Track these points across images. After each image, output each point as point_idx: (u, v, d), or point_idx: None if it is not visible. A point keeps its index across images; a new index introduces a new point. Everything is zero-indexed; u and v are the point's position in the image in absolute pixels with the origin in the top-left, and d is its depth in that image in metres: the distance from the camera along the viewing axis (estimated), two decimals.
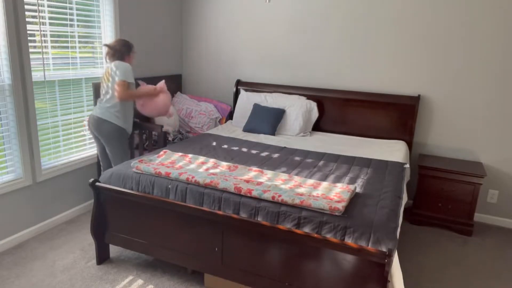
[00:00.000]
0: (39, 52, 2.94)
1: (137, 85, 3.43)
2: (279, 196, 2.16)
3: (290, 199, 2.13)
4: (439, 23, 3.46)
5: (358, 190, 2.39)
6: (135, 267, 2.69)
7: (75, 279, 2.52)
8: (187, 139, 3.49)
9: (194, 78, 4.65)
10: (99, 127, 2.98)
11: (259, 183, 2.33)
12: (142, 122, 3.40)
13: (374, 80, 3.79)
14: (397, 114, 3.67)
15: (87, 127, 3.43)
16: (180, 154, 2.83)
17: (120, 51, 3.00)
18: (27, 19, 2.78)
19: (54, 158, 3.19)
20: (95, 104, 3.34)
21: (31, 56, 2.85)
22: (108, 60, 3.03)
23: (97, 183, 2.54)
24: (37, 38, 2.92)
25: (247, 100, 4.08)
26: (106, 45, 3.03)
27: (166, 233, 2.42)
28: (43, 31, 2.96)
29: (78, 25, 3.25)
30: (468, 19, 3.36)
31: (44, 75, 3.00)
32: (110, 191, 2.52)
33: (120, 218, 2.56)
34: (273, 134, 3.74)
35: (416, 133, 3.72)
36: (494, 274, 2.78)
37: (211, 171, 2.52)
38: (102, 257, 2.72)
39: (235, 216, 2.17)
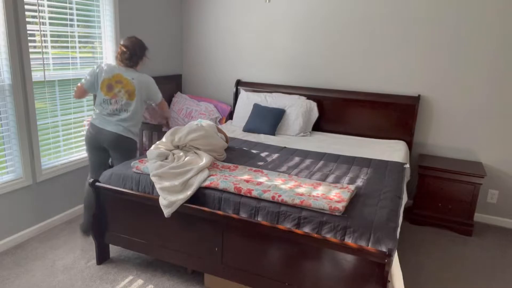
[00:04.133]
0: (39, 52, 2.94)
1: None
2: (279, 196, 2.16)
3: (290, 199, 2.13)
4: (439, 23, 3.45)
5: (358, 190, 2.39)
6: (135, 267, 2.69)
7: (75, 279, 2.52)
8: None
9: (194, 78, 4.65)
10: (118, 143, 2.82)
11: (259, 183, 2.33)
12: (144, 122, 3.40)
13: (374, 80, 3.79)
14: (397, 114, 3.67)
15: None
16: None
17: (139, 55, 2.83)
18: (27, 19, 2.78)
19: (54, 158, 3.19)
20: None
21: (31, 56, 2.85)
22: (118, 63, 2.83)
23: (97, 183, 2.54)
24: (37, 38, 2.92)
25: (247, 100, 4.08)
26: (124, 45, 2.81)
27: (166, 233, 2.42)
28: (43, 31, 2.95)
29: (78, 25, 3.25)
30: (468, 19, 3.35)
31: (44, 75, 3.00)
32: (110, 191, 2.52)
33: (120, 218, 2.56)
34: (273, 134, 3.74)
35: (416, 133, 3.72)
36: (494, 274, 2.78)
37: (211, 171, 2.52)
38: (102, 257, 2.72)
39: (235, 216, 2.17)
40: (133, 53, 2.81)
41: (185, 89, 4.70)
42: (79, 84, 2.93)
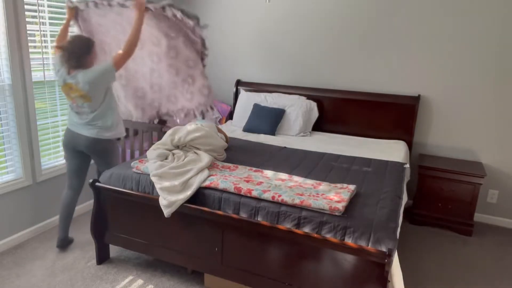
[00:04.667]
0: (39, 52, 2.94)
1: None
2: (279, 196, 2.16)
3: (290, 199, 2.13)
4: (439, 23, 3.45)
5: (358, 190, 2.39)
6: (135, 267, 2.69)
7: (75, 279, 2.52)
8: None
9: None
10: (95, 147, 2.68)
11: (259, 183, 2.33)
12: (143, 122, 3.40)
13: (374, 80, 3.79)
14: (397, 114, 3.67)
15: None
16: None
17: (77, 53, 2.50)
18: (27, 19, 2.78)
19: (54, 158, 3.19)
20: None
21: (31, 56, 2.85)
22: (65, 65, 2.53)
23: (97, 183, 2.54)
24: (37, 38, 2.92)
25: (247, 100, 4.08)
26: (58, 47, 2.55)
27: (166, 233, 2.42)
28: (43, 31, 2.96)
29: None
30: (468, 19, 3.35)
31: (44, 75, 3.00)
32: (110, 191, 2.52)
33: (120, 218, 2.56)
34: (273, 134, 3.74)
35: (416, 133, 3.71)
36: (494, 274, 2.78)
37: (211, 171, 2.52)
38: (102, 257, 2.72)
39: (235, 216, 2.17)
40: (71, 52, 2.50)
41: None
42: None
